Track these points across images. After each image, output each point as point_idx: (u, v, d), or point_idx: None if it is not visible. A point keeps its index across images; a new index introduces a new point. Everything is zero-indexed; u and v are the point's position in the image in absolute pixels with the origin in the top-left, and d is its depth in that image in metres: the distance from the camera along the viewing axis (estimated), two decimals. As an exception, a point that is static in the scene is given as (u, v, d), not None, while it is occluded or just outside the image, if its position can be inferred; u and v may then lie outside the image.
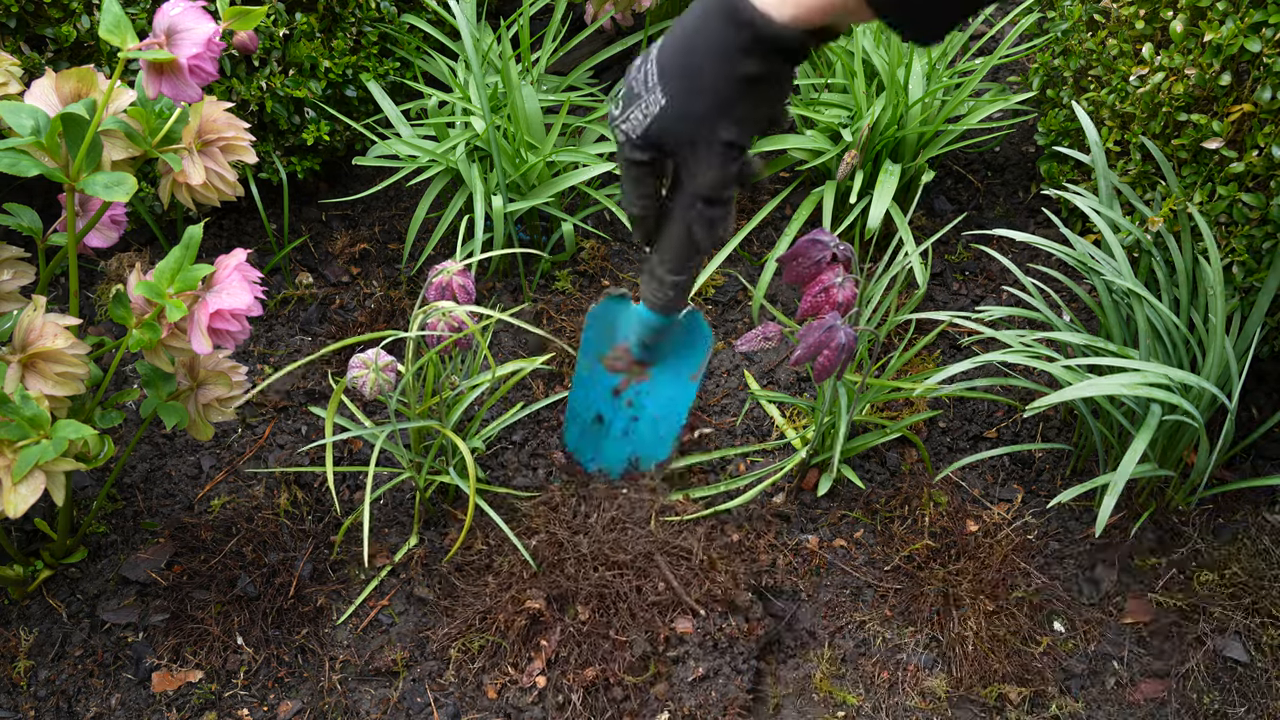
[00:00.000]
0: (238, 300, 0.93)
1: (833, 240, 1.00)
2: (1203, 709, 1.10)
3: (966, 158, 1.68)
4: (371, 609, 1.17)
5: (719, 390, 1.38)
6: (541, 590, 1.10)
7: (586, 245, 1.53)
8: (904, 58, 1.44)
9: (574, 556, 1.12)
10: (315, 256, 1.53)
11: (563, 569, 1.12)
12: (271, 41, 1.37)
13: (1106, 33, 1.29)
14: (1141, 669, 1.13)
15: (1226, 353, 1.08)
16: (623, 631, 1.07)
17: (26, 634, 1.13)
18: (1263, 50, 1.06)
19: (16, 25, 1.22)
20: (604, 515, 1.18)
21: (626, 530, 1.17)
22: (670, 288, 0.72)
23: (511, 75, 1.38)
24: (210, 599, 1.14)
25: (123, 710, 1.09)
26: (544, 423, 1.34)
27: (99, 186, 0.90)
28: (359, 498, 1.26)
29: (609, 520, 1.18)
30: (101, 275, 1.45)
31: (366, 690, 1.11)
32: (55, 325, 0.93)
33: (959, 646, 1.12)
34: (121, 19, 0.86)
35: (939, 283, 1.50)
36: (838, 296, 0.99)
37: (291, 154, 1.47)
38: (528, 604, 1.10)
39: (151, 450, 1.30)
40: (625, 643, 1.07)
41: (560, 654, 1.07)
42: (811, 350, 0.98)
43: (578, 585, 1.10)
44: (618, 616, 1.09)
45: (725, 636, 1.09)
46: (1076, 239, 1.18)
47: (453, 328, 1.00)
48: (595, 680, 1.05)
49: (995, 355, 1.09)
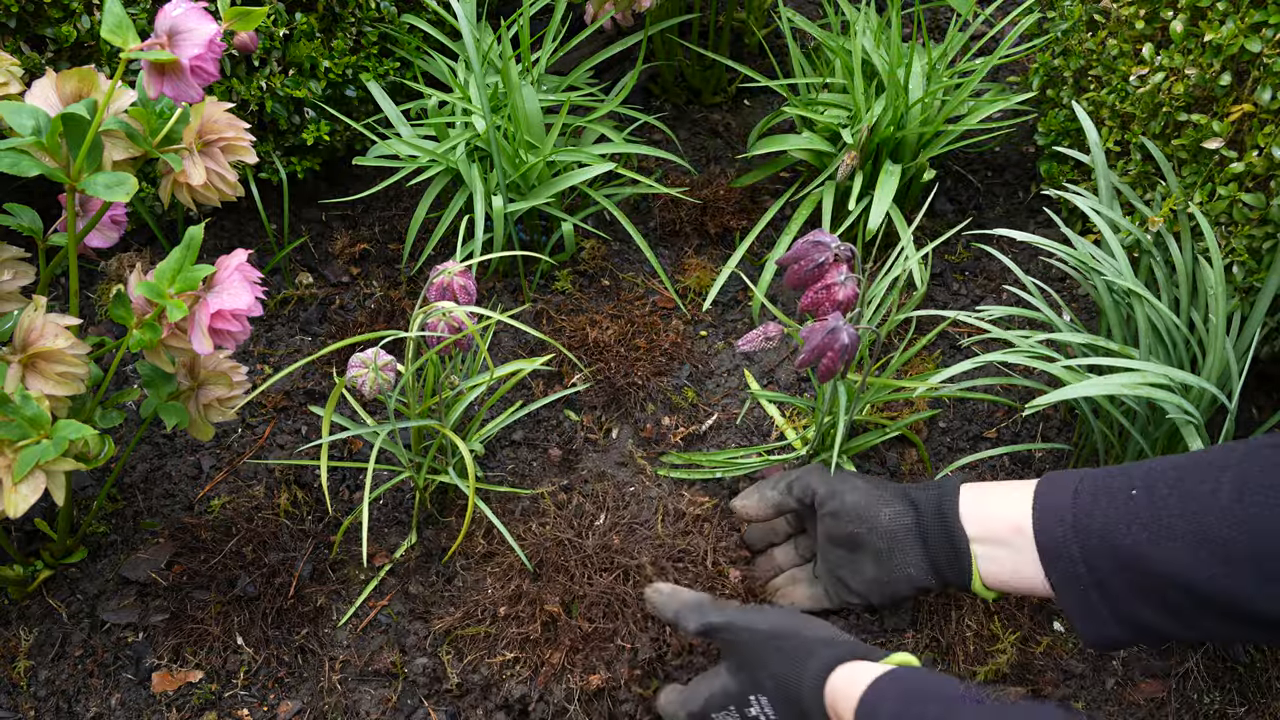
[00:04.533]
0: (238, 300, 0.93)
1: (834, 241, 1.00)
2: (1203, 709, 1.10)
3: (966, 158, 1.68)
4: (371, 609, 1.17)
5: (719, 390, 1.38)
6: (542, 592, 1.10)
7: (586, 245, 1.53)
8: (904, 58, 1.44)
9: (576, 558, 1.11)
10: (315, 256, 1.53)
11: (564, 570, 1.11)
12: (271, 41, 1.37)
13: (1106, 33, 1.29)
14: (1141, 669, 1.13)
15: (1227, 353, 1.08)
16: (628, 637, 1.06)
17: (26, 634, 1.13)
18: (1263, 50, 1.06)
19: (17, 25, 1.22)
20: (607, 518, 1.18)
21: (634, 531, 1.17)
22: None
23: (512, 75, 1.38)
24: (210, 599, 1.14)
25: (123, 710, 1.09)
26: (544, 422, 1.34)
27: (100, 187, 0.90)
28: (359, 498, 1.26)
29: (611, 523, 1.17)
30: (102, 275, 1.45)
31: (366, 690, 1.11)
32: (56, 325, 0.93)
33: (959, 646, 1.12)
34: (123, 19, 0.86)
35: (939, 283, 1.50)
36: (839, 294, 0.99)
37: (291, 154, 1.47)
38: (526, 604, 1.09)
39: (151, 450, 1.30)
40: (631, 649, 1.05)
41: (561, 657, 1.06)
42: (816, 353, 0.98)
43: (580, 588, 1.09)
44: (621, 621, 1.07)
45: None
46: (1077, 239, 1.18)
47: (452, 328, 1.00)
48: (600, 687, 1.04)
49: (996, 355, 1.09)
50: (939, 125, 1.44)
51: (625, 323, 1.43)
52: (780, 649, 0.88)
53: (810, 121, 1.51)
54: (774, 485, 1.07)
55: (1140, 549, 0.77)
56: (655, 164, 1.66)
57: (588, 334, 1.40)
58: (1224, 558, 0.74)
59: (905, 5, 1.91)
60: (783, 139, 1.49)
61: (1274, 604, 0.74)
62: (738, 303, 1.48)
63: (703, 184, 1.58)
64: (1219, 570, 0.74)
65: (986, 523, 0.89)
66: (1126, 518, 0.79)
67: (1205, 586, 0.75)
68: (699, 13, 1.69)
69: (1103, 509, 0.81)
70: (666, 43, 1.71)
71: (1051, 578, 0.82)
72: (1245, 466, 0.77)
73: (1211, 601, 0.76)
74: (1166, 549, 0.76)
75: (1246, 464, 0.77)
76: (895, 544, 0.95)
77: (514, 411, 1.23)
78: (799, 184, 1.55)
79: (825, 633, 0.89)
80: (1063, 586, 0.81)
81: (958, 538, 0.91)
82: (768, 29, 1.85)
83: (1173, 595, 0.77)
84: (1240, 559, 0.74)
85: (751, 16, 1.78)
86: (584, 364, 1.37)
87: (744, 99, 1.80)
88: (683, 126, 1.74)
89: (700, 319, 1.46)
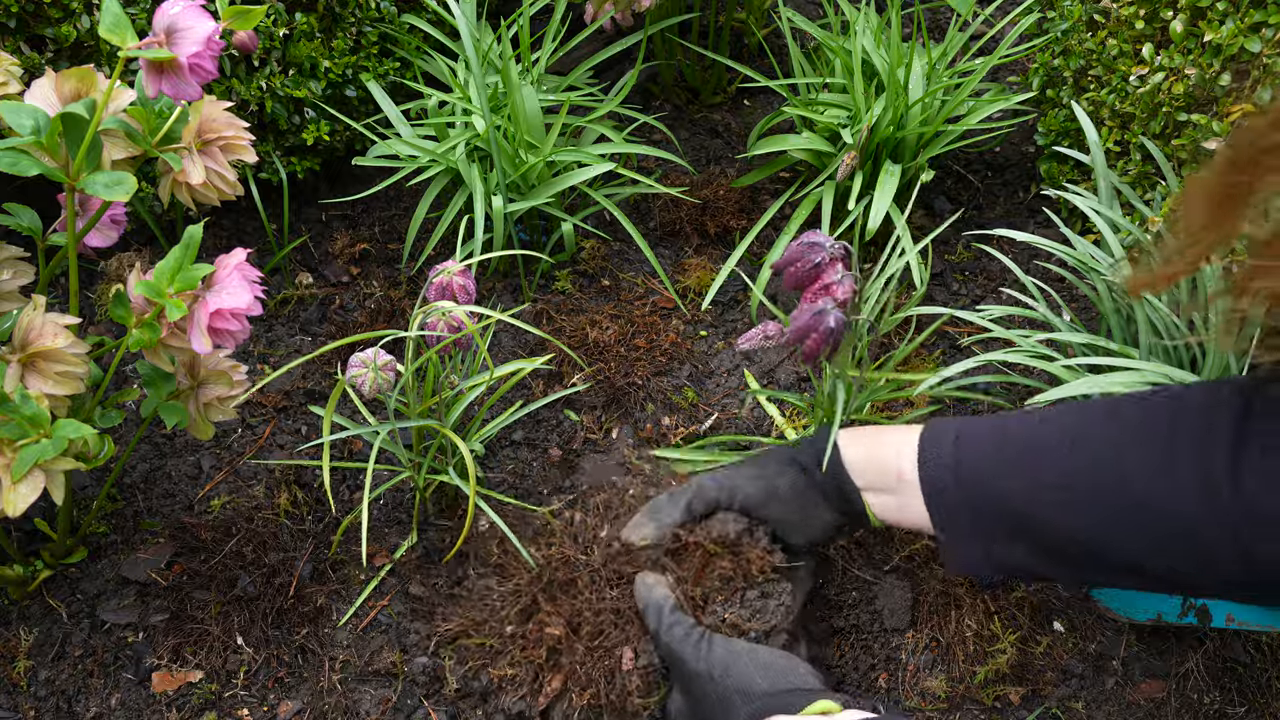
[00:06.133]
0: (238, 299, 0.93)
1: (828, 241, 1.00)
2: (1203, 709, 1.10)
3: (966, 158, 1.68)
4: (371, 609, 1.17)
5: (719, 390, 1.38)
6: (549, 616, 1.07)
7: (586, 245, 1.53)
8: (904, 58, 1.44)
9: (586, 576, 1.09)
10: (315, 256, 1.53)
11: (572, 587, 1.09)
12: (271, 41, 1.37)
13: (1106, 33, 1.29)
14: (1141, 669, 1.13)
15: (1226, 352, 1.08)
16: (632, 646, 1.04)
17: (26, 634, 1.13)
18: (1263, 50, 1.06)
19: (16, 25, 1.22)
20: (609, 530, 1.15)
21: None
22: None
23: (511, 75, 1.38)
24: (210, 599, 1.14)
25: (123, 710, 1.09)
26: (544, 422, 1.34)
27: (99, 186, 0.90)
28: (358, 498, 1.26)
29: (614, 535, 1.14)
30: (101, 275, 1.45)
31: (366, 690, 1.11)
32: (55, 324, 0.93)
33: (958, 646, 1.12)
34: (121, 18, 0.86)
35: (939, 283, 1.50)
36: (836, 293, 0.99)
37: (291, 154, 1.48)
38: (534, 625, 1.07)
39: (151, 450, 1.30)
40: (633, 659, 1.03)
41: (561, 681, 1.05)
42: (800, 333, 0.99)
43: (587, 608, 1.06)
44: (629, 630, 1.05)
45: None
46: (1077, 239, 1.18)
47: (452, 328, 1.00)
48: (599, 704, 1.03)
49: (995, 354, 1.09)
50: (939, 125, 1.44)
51: (625, 323, 1.43)
52: (705, 694, 0.95)
53: (810, 121, 1.51)
54: (673, 507, 1.08)
55: (1011, 495, 0.90)
56: (655, 164, 1.66)
57: (588, 334, 1.40)
58: (1066, 502, 0.87)
59: (905, 5, 1.91)
60: (783, 139, 1.49)
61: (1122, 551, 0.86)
62: (737, 302, 1.48)
63: (702, 184, 1.58)
64: (1069, 516, 0.87)
65: (871, 473, 1.01)
66: (998, 467, 0.91)
67: (1057, 528, 0.88)
68: (699, 12, 1.69)
69: (977, 450, 0.94)
70: (666, 43, 1.71)
71: (931, 513, 0.96)
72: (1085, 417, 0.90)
73: (1070, 543, 0.88)
74: (1037, 497, 0.89)
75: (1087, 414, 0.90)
76: (803, 504, 1.06)
77: (514, 411, 1.23)
78: (799, 184, 1.55)
79: (746, 680, 0.93)
80: (943, 524, 0.96)
81: (848, 490, 1.02)
82: (768, 29, 1.85)
83: (1034, 535, 0.90)
84: (1083, 504, 0.86)
85: (751, 16, 1.78)
86: (584, 364, 1.37)
87: (744, 99, 1.80)
88: (682, 126, 1.74)
89: (700, 319, 1.46)
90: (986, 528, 0.92)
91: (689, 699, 0.98)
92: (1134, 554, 0.84)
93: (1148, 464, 0.82)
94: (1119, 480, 0.84)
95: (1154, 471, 0.82)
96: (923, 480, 0.95)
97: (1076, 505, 0.86)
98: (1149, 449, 0.83)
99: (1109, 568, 0.87)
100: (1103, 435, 0.86)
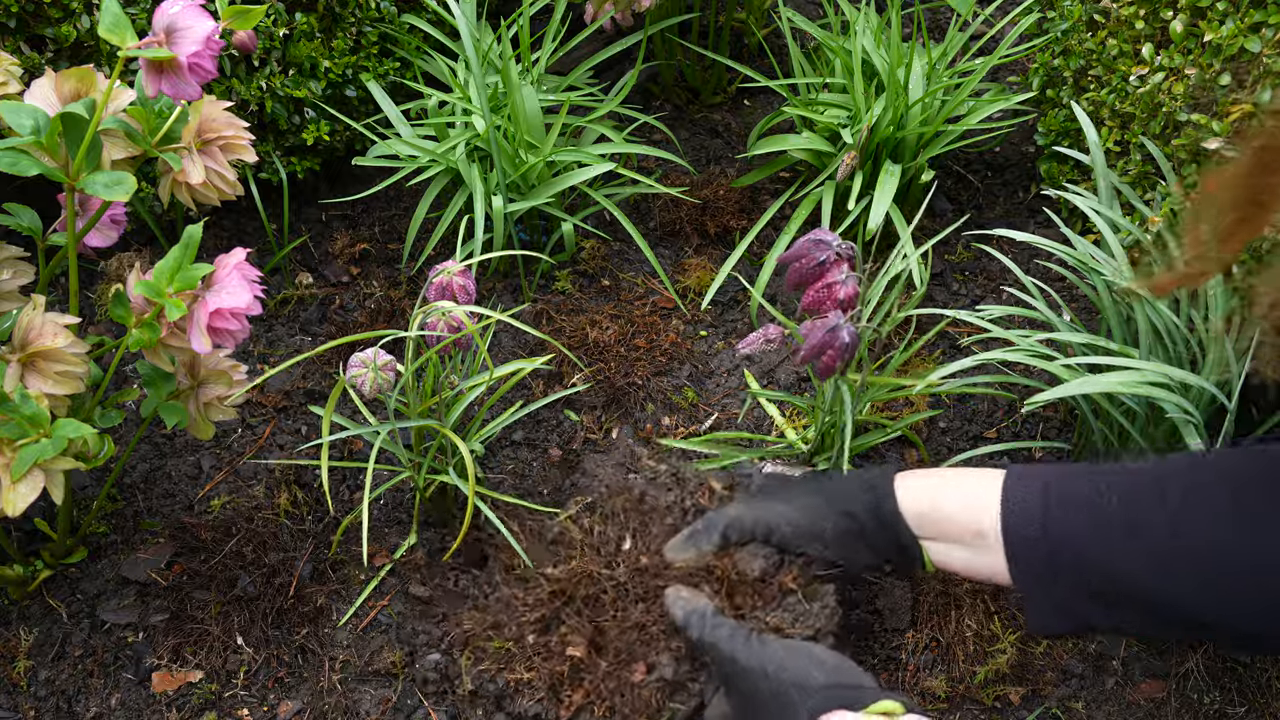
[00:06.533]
0: (237, 299, 0.93)
1: (835, 239, 1.00)
2: (1203, 709, 1.10)
3: (966, 158, 1.68)
4: (371, 609, 1.17)
5: (719, 390, 1.38)
6: (571, 634, 1.06)
7: (586, 245, 1.53)
8: (904, 58, 1.44)
9: (611, 593, 1.07)
10: (315, 256, 1.53)
11: (596, 603, 1.07)
12: (271, 41, 1.37)
13: (1106, 33, 1.29)
14: (1141, 669, 1.13)
15: (1226, 352, 1.08)
16: (655, 659, 1.02)
17: (26, 634, 1.13)
18: (1263, 50, 1.06)
19: (16, 25, 1.22)
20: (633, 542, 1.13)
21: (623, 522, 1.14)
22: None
23: (511, 75, 1.38)
24: (210, 599, 1.14)
25: (123, 710, 1.09)
26: (544, 422, 1.34)
27: (99, 186, 0.90)
28: (358, 498, 1.26)
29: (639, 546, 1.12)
30: (101, 275, 1.45)
31: (366, 690, 1.11)
32: (55, 324, 0.93)
33: (959, 646, 1.12)
34: (121, 18, 0.86)
35: (939, 283, 1.50)
36: (840, 293, 0.99)
37: (291, 154, 1.47)
38: (556, 639, 1.05)
39: (151, 450, 1.30)
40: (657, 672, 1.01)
41: (581, 698, 1.04)
42: (815, 350, 0.98)
43: (612, 624, 1.05)
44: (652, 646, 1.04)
45: None
46: (1077, 239, 1.18)
47: (452, 328, 1.00)
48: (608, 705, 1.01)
49: (995, 354, 1.09)
50: (939, 125, 1.44)
51: (625, 323, 1.43)
52: (756, 691, 0.91)
53: (810, 121, 1.51)
54: (708, 536, 1.06)
55: (1103, 558, 0.83)
56: (655, 164, 1.66)
57: (588, 334, 1.40)
58: (1164, 568, 0.80)
59: (905, 5, 1.91)
60: (783, 139, 1.49)
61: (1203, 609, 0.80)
62: (737, 303, 1.48)
63: (702, 184, 1.58)
64: (1170, 583, 0.80)
65: (940, 525, 0.94)
66: (1092, 526, 0.85)
67: (1155, 593, 0.81)
68: (699, 13, 1.69)
69: (1070, 516, 0.86)
70: (666, 43, 1.71)
71: (1015, 575, 0.89)
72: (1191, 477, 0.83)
73: (1162, 609, 0.82)
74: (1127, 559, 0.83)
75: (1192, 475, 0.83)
76: (849, 552, 1.00)
77: (514, 411, 1.23)
78: (799, 184, 1.55)
79: (803, 674, 0.90)
80: (1026, 583, 0.89)
81: (905, 541, 0.96)
82: (768, 29, 1.85)
83: (1121, 597, 0.84)
84: (1179, 571, 0.80)
85: (751, 16, 1.78)
86: (584, 364, 1.37)
87: (744, 99, 1.80)
88: (683, 126, 1.74)
89: (700, 319, 1.46)
90: (1084, 593, 0.85)
91: (737, 698, 0.93)
92: (1258, 625, 0.79)
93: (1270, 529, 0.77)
94: (1238, 550, 0.78)
95: None
96: (1007, 543, 0.88)
97: (1187, 577, 0.80)
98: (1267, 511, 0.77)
99: (1229, 640, 0.82)
100: (1210, 497, 0.80)
